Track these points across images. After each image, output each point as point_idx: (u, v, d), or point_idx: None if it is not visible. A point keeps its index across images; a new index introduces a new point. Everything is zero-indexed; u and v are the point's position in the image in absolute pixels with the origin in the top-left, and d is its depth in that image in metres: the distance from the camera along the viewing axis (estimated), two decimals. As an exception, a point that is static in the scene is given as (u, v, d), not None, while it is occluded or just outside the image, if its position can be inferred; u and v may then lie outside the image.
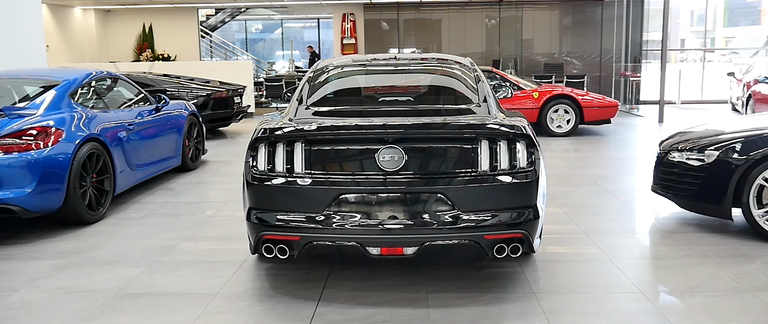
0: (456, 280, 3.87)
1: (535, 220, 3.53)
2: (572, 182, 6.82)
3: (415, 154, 3.46)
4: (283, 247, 3.50)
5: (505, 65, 17.09)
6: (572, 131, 10.54)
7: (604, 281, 3.84)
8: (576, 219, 5.27)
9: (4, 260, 4.45)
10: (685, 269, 4.02)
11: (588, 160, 8.39)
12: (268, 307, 3.56)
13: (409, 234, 3.38)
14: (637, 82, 15.73)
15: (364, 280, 3.91)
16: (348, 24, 18.03)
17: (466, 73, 4.50)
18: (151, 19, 18.44)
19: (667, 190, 5.16)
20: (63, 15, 16.87)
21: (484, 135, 3.50)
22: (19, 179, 4.75)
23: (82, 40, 17.74)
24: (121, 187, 5.95)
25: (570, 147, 9.49)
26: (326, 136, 3.53)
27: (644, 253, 4.40)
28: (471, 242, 3.41)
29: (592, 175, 7.18)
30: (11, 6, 8.52)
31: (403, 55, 4.89)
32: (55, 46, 16.20)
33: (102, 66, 14.79)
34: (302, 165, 3.49)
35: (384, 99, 4.48)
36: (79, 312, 3.51)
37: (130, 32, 18.54)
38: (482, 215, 3.42)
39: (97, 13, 18.13)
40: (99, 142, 5.52)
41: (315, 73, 4.57)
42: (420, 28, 18.40)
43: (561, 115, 10.57)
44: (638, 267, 4.09)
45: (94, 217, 5.37)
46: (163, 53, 18.36)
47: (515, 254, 3.50)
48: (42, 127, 4.98)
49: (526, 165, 3.51)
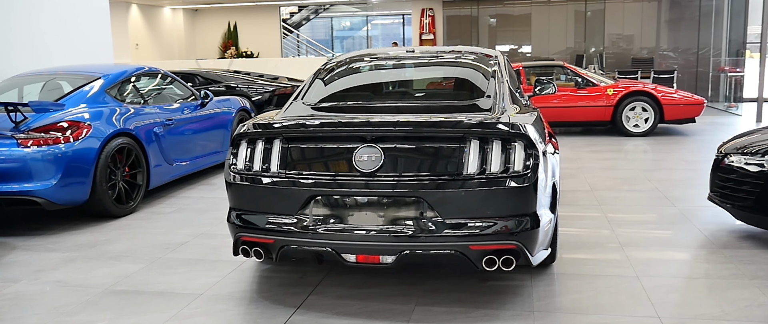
0: (453, 292, 3.55)
1: (533, 230, 3.14)
2: (630, 186, 6.23)
3: (395, 154, 3.16)
4: (259, 250, 3.32)
5: (590, 60, 16.18)
6: (651, 131, 9.75)
7: (619, 302, 3.39)
8: (617, 227, 4.77)
9: (22, 250, 4.56)
10: (723, 292, 3.48)
11: (658, 162, 7.68)
12: (245, 311, 3.39)
13: (386, 242, 3.10)
14: (738, 78, 14.42)
15: (354, 286, 3.67)
16: (426, 19, 17.73)
17: (482, 67, 4.13)
18: (236, 17, 18.96)
19: (723, 199, 4.55)
20: (153, 14, 17.66)
21: (474, 134, 3.15)
22: (44, 172, 4.86)
23: (170, 39, 18.51)
24: (157, 181, 6.02)
25: (644, 148, 8.76)
26: (303, 134, 3.31)
27: (681, 270, 3.87)
28: (455, 253, 3.09)
29: (655, 178, 6.54)
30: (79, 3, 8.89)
31: (422, 49, 4.58)
32: (145, 44, 16.99)
33: (186, 63, 15.36)
34: (278, 164, 3.29)
35: (385, 95, 4.20)
36: (61, 307, 3.49)
37: (216, 30, 19.16)
38: (468, 223, 3.08)
39: (185, 12, 18.86)
40: (131, 137, 5.59)
41: (324, 67, 4.36)
42: (500, 24, 17.79)
43: (638, 113, 9.80)
44: (667, 286, 3.59)
45: (122, 211, 5.44)
46: (247, 50, 18.83)
47: (508, 267, 3.13)
48: (70, 122, 5.08)
49: (522, 168, 3.12)
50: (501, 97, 3.74)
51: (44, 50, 8.31)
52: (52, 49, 8.43)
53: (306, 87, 4.06)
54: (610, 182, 6.46)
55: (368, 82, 4.38)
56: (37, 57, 8.03)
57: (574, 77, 10.19)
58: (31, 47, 8.17)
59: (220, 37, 19.18)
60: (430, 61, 4.47)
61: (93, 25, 9.13)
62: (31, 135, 4.89)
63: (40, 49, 8.27)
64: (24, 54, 8.01)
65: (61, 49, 8.55)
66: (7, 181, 4.82)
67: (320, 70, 4.31)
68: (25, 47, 8.09)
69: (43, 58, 8.05)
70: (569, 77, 10.34)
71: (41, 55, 8.18)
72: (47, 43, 8.39)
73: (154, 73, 6.73)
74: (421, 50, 4.53)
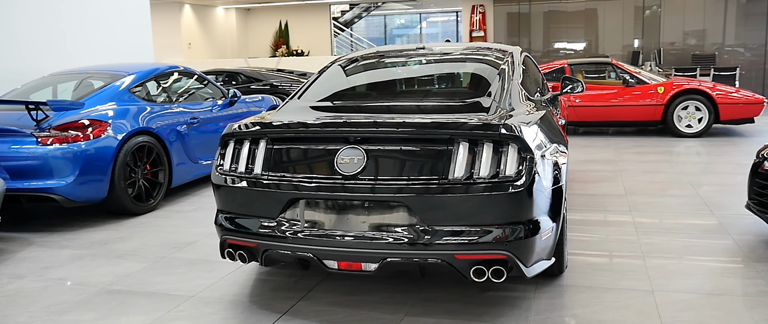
0: (447, 302, 3.36)
1: (528, 238, 2.93)
2: (668, 191, 5.85)
3: (379, 157, 3.00)
4: (243, 254, 3.23)
5: (647, 57, 15.49)
6: (704, 131, 9.21)
7: (624, 319, 3.12)
8: (643, 235, 4.45)
9: (37, 246, 4.64)
10: (745, 311, 3.16)
11: (706, 166, 7.21)
12: (230, 316, 3.31)
13: (367, 248, 2.95)
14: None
15: (347, 293, 3.53)
16: (477, 16, 17.39)
17: (489, 65, 3.92)
18: (287, 16, 19.12)
19: (761, 208, 4.18)
20: (206, 14, 18.01)
21: (462, 136, 2.95)
22: (62, 169, 4.94)
23: (223, 38, 18.83)
24: (181, 179, 6.05)
25: (695, 150, 8.26)
26: (286, 135, 3.19)
27: (702, 284, 3.55)
28: (441, 262, 2.91)
29: (699, 183, 6.12)
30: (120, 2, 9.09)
31: (432, 46, 4.39)
32: (198, 43, 17.34)
33: (236, 62, 15.57)
34: (261, 165, 3.19)
35: (385, 95, 4.03)
36: (54, 306, 3.51)
37: (268, 29, 19.38)
38: (453, 231, 2.90)
39: (238, 12, 19.15)
40: (152, 135, 5.63)
41: (330, 65, 4.24)
42: (553, 20, 17.27)
43: (691, 112, 9.26)
44: (682, 302, 3.29)
45: (142, 209, 5.48)
46: (297, 49, 18.97)
47: (498, 279, 2.92)
48: (88, 121, 5.14)
49: (515, 173, 2.91)
50: (505, 96, 3.53)
51: (87, 49, 8.54)
52: (95, 47, 8.66)
53: (306, 86, 3.95)
54: (648, 186, 6.09)
55: (368, 81, 4.23)
56: (77, 56, 8.24)
57: (623, 75, 9.73)
58: (73, 46, 8.41)
59: (272, 35, 19.39)
60: (437, 59, 4.28)
61: (134, 25, 9.33)
62: (51, 133, 4.97)
63: (82, 48, 8.50)
64: (64, 53, 8.24)
65: (103, 48, 8.77)
66: (27, 178, 4.92)
67: (324, 68, 4.19)
68: (66, 47, 8.33)
69: (85, 56, 8.26)
70: (618, 75, 9.88)
71: (82, 53, 8.41)
72: (90, 41, 8.62)
73: (184, 72, 6.77)
74: (431, 47, 4.34)
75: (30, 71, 6.96)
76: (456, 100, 3.58)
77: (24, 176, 4.91)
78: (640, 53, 15.31)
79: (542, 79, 5.17)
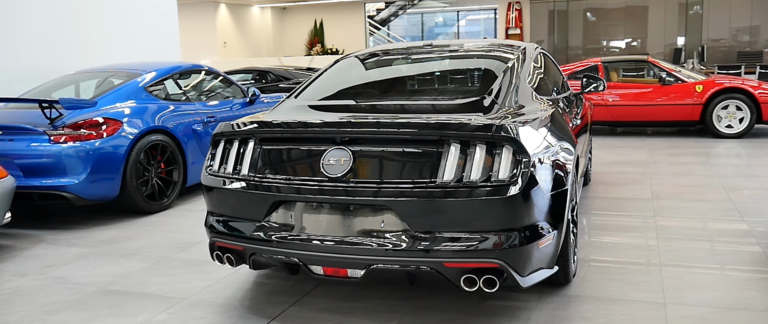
0: (443, 310, 3.21)
1: (524, 246, 2.76)
2: (698, 195, 5.54)
3: (365, 158, 2.87)
4: (231, 257, 3.14)
5: (690, 55, 14.93)
6: (746, 132, 8.77)
7: (629, 333, 2.92)
8: (663, 242, 4.20)
9: (46, 244, 4.66)
10: (764, 328, 2.92)
11: (743, 169, 6.84)
12: (218, 320, 3.23)
13: (352, 254, 2.82)
14: None
15: (342, 299, 3.41)
16: (513, 14, 17.07)
17: (496, 63, 3.74)
18: (322, 14, 19.13)
19: (792, 215, 3.89)
20: (242, 13, 18.15)
21: (453, 137, 2.79)
22: (74, 167, 4.96)
23: (259, 37, 18.96)
24: (196, 178, 6.01)
25: (734, 151, 7.87)
26: (274, 135, 3.09)
27: (720, 298, 3.30)
28: (430, 270, 2.76)
29: (733, 187, 5.80)
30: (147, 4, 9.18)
31: (440, 43, 4.22)
32: (233, 42, 17.48)
33: (270, 61, 15.63)
34: (248, 166, 3.09)
35: (384, 94, 3.88)
36: (48, 305, 3.49)
37: (303, 28, 19.43)
38: (442, 237, 2.74)
39: (273, 11, 19.25)
40: (167, 134, 5.62)
41: (333, 63, 4.12)
42: (593, 17, 16.81)
43: (732, 112, 8.84)
44: (695, 317, 3.06)
45: (154, 208, 5.47)
46: (332, 47, 18.95)
47: (491, 289, 2.76)
48: (102, 119, 5.15)
49: (508, 176, 2.74)
50: (511, 94, 3.36)
51: (116, 48, 8.64)
52: (126, 45, 8.76)
53: (305, 84, 3.85)
54: (678, 190, 5.79)
55: (369, 79, 4.09)
56: (104, 54, 8.34)
57: (660, 73, 9.35)
58: (100, 44, 8.52)
59: (307, 34, 19.43)
60: (442, 57, 4.11)
61: (161, 23, 9.41)
62: (64, 131, 5.00)
63: (111, 47, 8.60)
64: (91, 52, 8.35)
65: (131, 47, 8.87)
66: (39, 176, 4.95)
67: (328, 67, 4.08)
68: (93, 45, 8.44)
69: (114, 55, 8.35)
70: (655, 73, 9.50)
71: (112, 52, 8.51)
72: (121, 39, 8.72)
73: (205, 71, 6.77)
74: (439, 44, 4.19)
75: (59, 69, 7.06)
76: (456, 99, 3.42)
77: (37, 174, 4.94)
78: (682, 51, 14.77)
79: (561, 77, 4.96)
